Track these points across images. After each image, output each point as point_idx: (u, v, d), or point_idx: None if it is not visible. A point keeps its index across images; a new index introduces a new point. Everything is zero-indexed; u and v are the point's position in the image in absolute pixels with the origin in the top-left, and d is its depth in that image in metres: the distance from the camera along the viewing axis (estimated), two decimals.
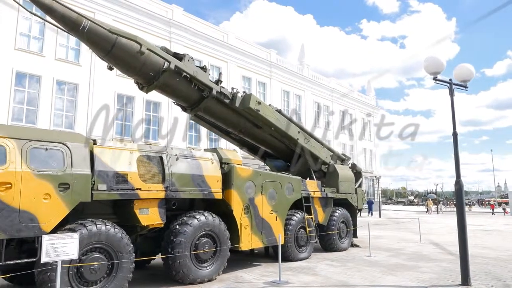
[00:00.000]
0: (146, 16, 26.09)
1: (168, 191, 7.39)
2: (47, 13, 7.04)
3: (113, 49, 7.70)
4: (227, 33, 32.52)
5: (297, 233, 10.50)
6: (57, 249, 5.20)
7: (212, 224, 8.02)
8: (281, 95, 36.89)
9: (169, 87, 8.87)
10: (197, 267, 7.70)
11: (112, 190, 6.62)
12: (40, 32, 21.68)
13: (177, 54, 8.97)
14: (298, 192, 10.73)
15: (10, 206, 5.47)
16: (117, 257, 6.47)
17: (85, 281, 6.14)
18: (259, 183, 9.40)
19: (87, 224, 6.21)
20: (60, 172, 6.03)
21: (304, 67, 40.59)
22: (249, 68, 33.69)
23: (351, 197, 13.12)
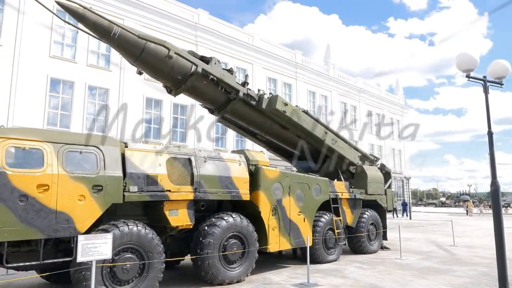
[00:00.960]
0: (173, 21, 26.59)
1: (196, 192, 7.49)
2: (79, 21, 7.30)
3: (142, 54, 7.89)
4: (252, 35, 32.66)
5: (325, 235, 10.39)
6: (91, 249, 5.38)
7: (240, 225, 8.06)
8: (307, 95, 36.67)
9: (197, 90, 8.99)
10: (225, 268, 7.76)
11: (143, 191, 6.78)
12: (73, 39, 22.49)
13: (204, 57, 9.09)
14: (326, 193, 10.63)
15: (47, 207, 5.70)
16: (148, 257, 6.61)
17: (118, 281, 6.30)
18: (287, 185, 9.37)
19: (120, 225, 6.39)
20: (93, 175, 6.23)
21: (330, 67, 40.21)
22: (274, 70, 33.69)
23: (380, 199, 12.87)
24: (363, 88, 44.16)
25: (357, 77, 44.80)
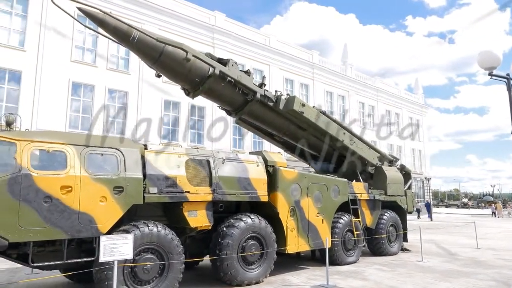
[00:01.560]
0: (190, 23, 26.85)
1: (215, 193, 7.54)
2: (100, 26, 7.44)
3: (160, 57, 8.00)
4: (269, 36, 32.67)
5: (344, 236, 10.30)
6: (113, 249, 5.48)
7: (258, 226, 8.07)
8: (324, 96, 36.44)
9: (214, 92, 9.06)
10: (244, 269, 7.78)
11: (162, 193, 6.87)
12: (93, 44, 22.96)
13: (221, 59, 9.14)
14: (345, 194, 10.54)
15: (70, 208, 5.84)
16: (168, 257, 6.68)
17: (138, 281, 6.39)
18: (305, 186, 9.34)
19: (140, 225, 6.48)
20: (114, 176, 6.35)
21: (348, 67, 39.86)
22: (291, 70, 33.62)
23: (400, 200, 12.68)
24: (381, 87, 43.60)
25: (375, 76, 44.26)
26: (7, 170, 5.48)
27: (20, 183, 5.48)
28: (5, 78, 19.94)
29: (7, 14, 20.39)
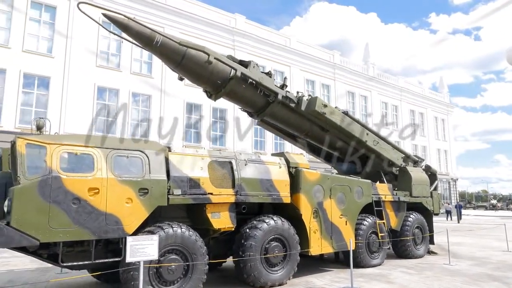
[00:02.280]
0: (211, 26, 27.12)
1: (238, 195, 7.57)
2: (124, 31, 7.60)
3: (183, 61, 8.09)
4: (289, 38, 32.62)
5: (368, 238, 10.15)
6: (139, 250, 5.58)
7: (281, 228, 8.05)
8: (346, 96, 36.09)
9: (236, 94, 9.10)
10: (267, 270, 7.77)
11: (186, 194, 6.94)
12: (117, 49, 23.51)
13: (242, 61, 9.18)
14: (368, 196, 10.39)
15: (98, 209, 5.99)
16: (192, 259, 6.75)
17: (163, 281, 6.48)
18: (328, 187, 9.26)
19: (164, 227, 6.58)
20: (139, 178, 6.47)
21: (370, 67, 39.35)
22: (312, 71, 33.45)
23: (426, 201, 12.40)
24: (405, 87, 42.82)
25: (398, 75, 43.54)
26: (38, 173, 5.66)
27: (50, 185, 5.65)
28: (34, 84, 20.67)
29: (36, 22, 21.13)
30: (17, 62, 19.97)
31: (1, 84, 19.65)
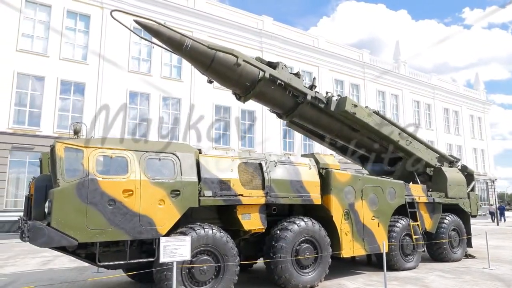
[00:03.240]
0: (239, 29, 27.32)
1: (268, 196, 7.57)
2: (155, 36, 7.78)
3: (212, 64, 8.19)
4: (317, 38, 32.37)
5: (402, 240, 9.89)
6: (172, 250, 5.69)
7: (312, 229, 7.98)
8: (376, 95, 35.40)
9: (265, 95, 9.11)
10: (298, 272, 7.72)
11: (217, 196, 7.01)
12: (148, 54, 24.10)
13: (271, 63, 9.19)
14: (401, 197, 10.13)
15: (132, 210, 6.15)
16: (223, 259, 6.80)
17: (195, 281, 6.57)
18: (359, 188, 9.10)
19: (196, 228, 6.67)
20: (171, 180, 6.59)
21: (400, 65, 38.43)
22: (341, 71, 33.04)
23: (463, 202, 11.95)
24: (438, 84, 41.50)
25: (431, 73, 42.21)
26: (76, 175, 5.89)
27: (87, 187, 5.86)
28: (70, 90, 21.51)
29: (72, 30, 22.00)
30: (54, 69, 20.86)
31: (40, 91, 20.57)
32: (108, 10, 21.90)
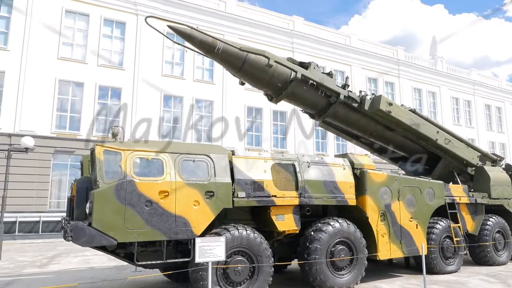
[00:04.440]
0: (269, 30, 27.36)
1: (301, 197, 7.52)
2: (188, 41, 7.93)
3: (244, 65, 8.23)
4: (349, 36, 31.87)
5: (442, 243, 9.52)
6: (207, 251, 5.78)
7: (347, 231, 7.85)
8: (412, 93, 34.35)
9: (297, 96, 9.06)
10: (334, 274, 7.61)
11: (250, 197, 7.04)
12: (181, 58, 24.60)
13: (302, 63, 9.13)
14: (441, 198, 9.76)
15: (168, 211, 6.29)
16: (257, 260, 6.82)
17: (230, 282, 6.62)
18: (395, 189, 8.86)
19: (230, 228, 6.73)
20: (206, 181, 6.69)
21: (438, 61, 37.10)
22: (374, 69, 32.34)
23: (508, 203, 11.35)
24: (478, 80, 39.70)
25: (471, 68, 40.44)
26: (114, 177, 6.09)
27: (125, 189, 6.05)
28: (108, 95, 22.30)
29: (108, 37, 22.81)
30: (93, 75, 21.71)
31: (80, 96, 21.46)
32: (142, 17, 22.55)
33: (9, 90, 19.71)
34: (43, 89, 20.35)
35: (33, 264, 11.47)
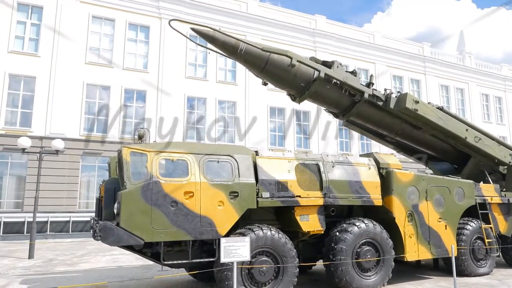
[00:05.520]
0: (292, 30, 27.27)
1: (326, 198, 7.45)
2: (210, 42, 7.99)
3: (266, 66, 8.23)
4: (373, 33, 31.37)
5: (473, 244, 9.23)
6: (232, 251, 5.80)
7: (373, 232, 7.72)
8: (439, 90, 33.47)
9: (320, 95, 8.98)
10: (360, 275, 7.50)
11: (274, 197, 7.03)
12: (204, 60, 24.84)
13: (325, 62, 9.04)
14: (471, 197, 9.46)
15: (193, 212, 6.36)
16: (282, 261, 6.80)
17: (255, 282, 6.63)
18: (423, 188, 8.65)
19: (255, 229, 6.74)
20: (230, 182, 6.72)
21: (465, 57, 35.98)
22: (399, 66, 31.70)
23: None
24: (510, 75, 38.23)
25: (501, 63, 39.00)
26: (141, 178, 6.21)
27: (151, 190, 6.16)
28: (133, 97, 22.78)
29: (133, 41, 23.30)
30: (119, 79, 22.22)
31: (106, 99, 22.01)
32: (165, 20, 22.89)
33: (40, 94, 20.44)
34: (72, 93, 20.98)
35: (63, 262, 11.84)
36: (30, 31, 20.93)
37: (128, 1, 22.94)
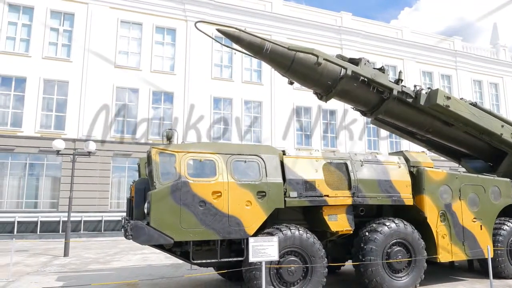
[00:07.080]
0: (317, 28, 27.03)
1: (355, 197, 7.34)
2: (236, 43, 8.01)
3: (292, 65, 8.17)
4: (401, 29, 30.66)
5: (510, 245, 8.85)
6: (260, 250, 5.81)
7: (404, 232, 7.53)
8: (472, 86, 32.31)
9: (348, 93, 8.84)
10: (391, 276, 7.34)
11: (302, 197, 6.99)
12: (229, 60, 25.01)
13: (352, 59, 8.89)
14: (508, 197, 9.08)
15: (221, 211, 6.41)
16: (310, 261, 6.75)
17: (284, 282, 6.61)
18: (456, 187, 8.37)
19: (283, 228, 6.72)
20: (257, 182, 6.73)
21: (500, 50, 34.57)
22: (429, 62, 30.83)
23: None
24: None
25: None
26: (170, 178, 6.32)
27: (180, 189, 6.25)
28: (161, 99, 23.21)
29: (160, 44, 23.74)
30: (147, 81, 22.70)
31: (135, 101, 22.54)
32: (191, 22, 23.20)
33: (73, 98, 21.17)
34: (103, 96, 21.61)
35: (96, 260, 12.22)
36: (62, 37, 21.72)
37: (154, 5, 23.40)
